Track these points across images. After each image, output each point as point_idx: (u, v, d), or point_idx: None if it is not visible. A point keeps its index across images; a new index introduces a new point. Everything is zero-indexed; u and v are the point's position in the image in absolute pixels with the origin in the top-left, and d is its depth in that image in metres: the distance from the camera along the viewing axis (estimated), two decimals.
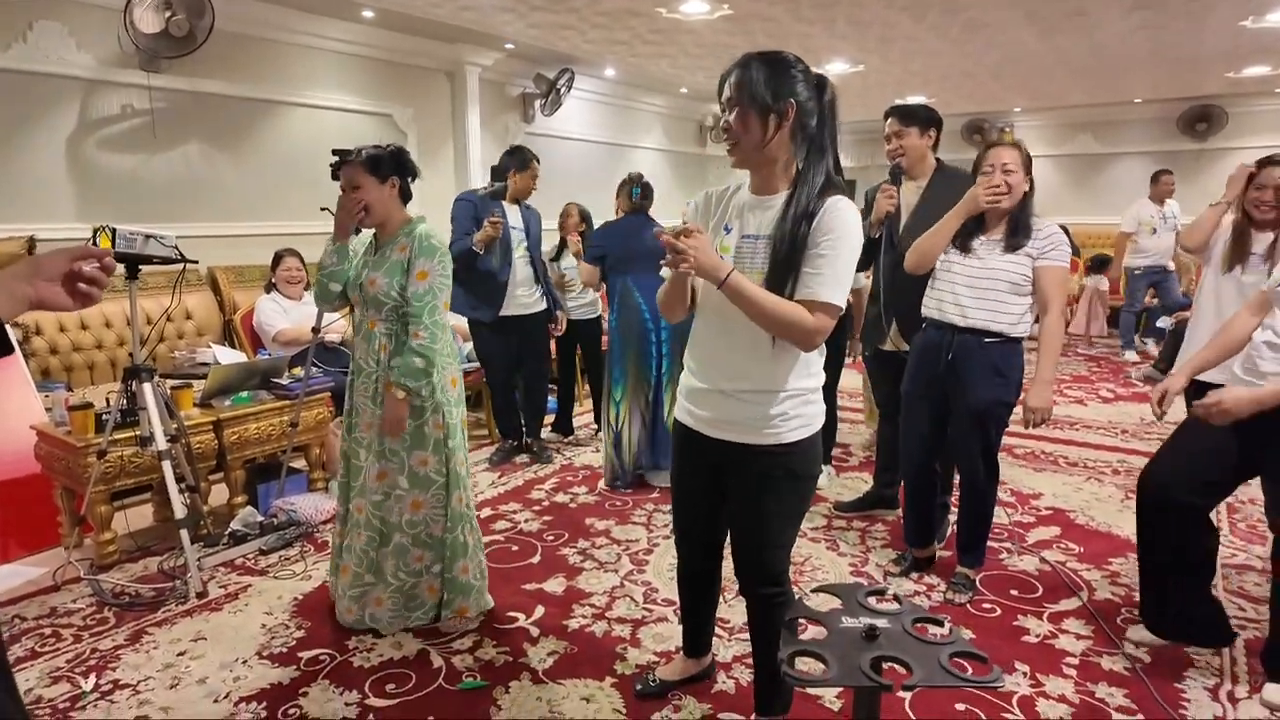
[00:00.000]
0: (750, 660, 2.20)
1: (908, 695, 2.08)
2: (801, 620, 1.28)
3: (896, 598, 1.20)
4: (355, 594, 2.42)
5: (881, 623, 1.07)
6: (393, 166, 2.33)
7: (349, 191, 2.29)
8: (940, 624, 1.17)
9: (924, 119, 2.89)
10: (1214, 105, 8.32)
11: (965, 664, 1.04)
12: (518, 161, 3.89)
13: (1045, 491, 3.66)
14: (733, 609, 2.53)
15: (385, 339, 2.32)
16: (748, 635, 1.92)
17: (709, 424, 1.73)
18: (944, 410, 2.59)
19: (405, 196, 2.40)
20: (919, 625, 1.09)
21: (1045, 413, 2.44)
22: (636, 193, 3.78)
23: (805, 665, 1.32)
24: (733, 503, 1.79)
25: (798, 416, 1.67)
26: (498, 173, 3.79)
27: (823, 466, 3.57)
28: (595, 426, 4.58)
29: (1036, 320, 2.51)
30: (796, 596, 2.24)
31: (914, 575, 2.81)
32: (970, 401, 2.48)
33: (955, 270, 2.52)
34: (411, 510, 2.37)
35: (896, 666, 1.02)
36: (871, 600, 1.17)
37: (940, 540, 2.99)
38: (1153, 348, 6.89)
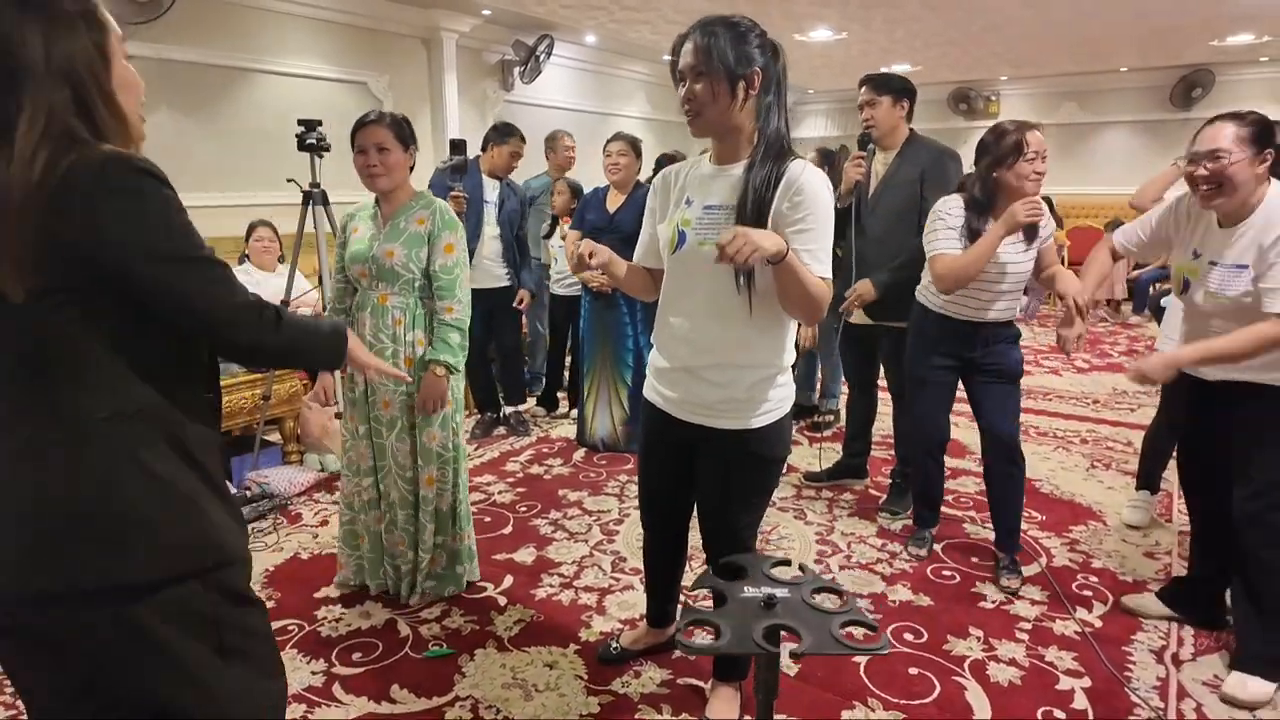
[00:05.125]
0: None
1: (862, 661, 2.13)
2: (705, 590, 1.31)
3: (801, 567, 1.23)
4: (405, 569, 2.44)
5: (781, 592, 1.11)
6: (411, 135, 2.29)
7: (374, 152, 2.19)
8: (838, 593, 1.20)
9: (897, 89, 2.85)
10: (1205, 69, 8.26)
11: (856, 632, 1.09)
12: (495, 135, 3.88)
13: None
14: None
15: (399, 313, 2.26)
16: None
17: (677, 405, 1.73)
18: (956, 386, 2.65)
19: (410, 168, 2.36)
20: (817, 595, 1.13)
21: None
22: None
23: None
24: (700, 484, 1.80)
25: (766, 400, 1.66)
26: (456, 146, 3.71)
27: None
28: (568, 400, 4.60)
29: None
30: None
31: (877, 544, 2.87)
32: (1007, 367, 2.53)
33: (986, 277, 2.42)
34: (426, 486, 2.36)
35: (790, 634, 1.05)
36: (776, 571, 1.20)
37: (905, 511, 3.05)
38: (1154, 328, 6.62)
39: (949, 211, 2.46)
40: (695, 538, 1.97)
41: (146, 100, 1.10)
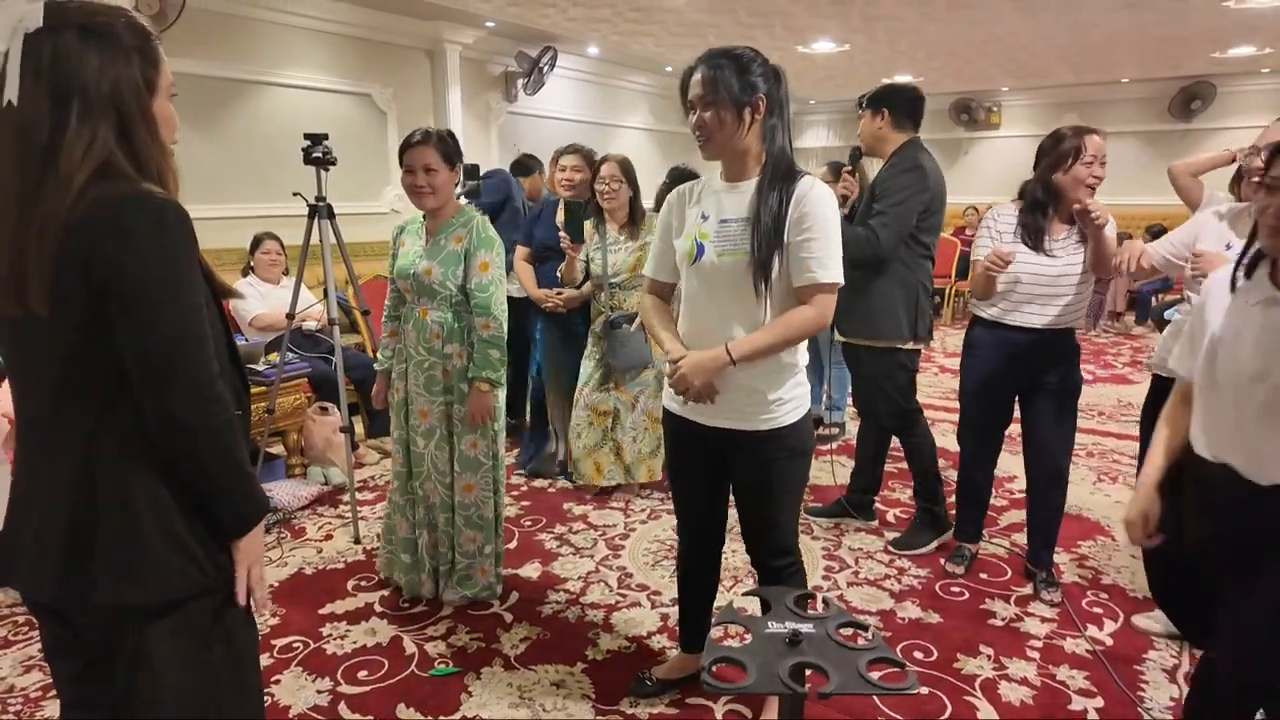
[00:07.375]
0: None
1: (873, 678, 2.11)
2: (728, 626, 1.30)
3: (825, 601, 1.22)
4: (443, 570, 2.54)
5: (806, 628, 1.09)
6: (457, 151, 2.36)
7: (422, 173, 2.26)
8: (864, 628, 1.19)
9: (873, 100, 2.84)
10: (1205, 81, 8.28)
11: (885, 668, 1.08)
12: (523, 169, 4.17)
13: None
14: (722, 598, 2.55)
15: (438, 327, 2.34)
16: None
17: (705, 413, 1.77)
18: (1013, 401, 2.59)
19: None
20: (842, 630, 1.12)
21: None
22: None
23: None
24: (738, 488, 1.86)
25: (792, 399, 1.75)
26: (469, 172, 3.73)
27: None
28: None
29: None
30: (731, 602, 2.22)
31: (885, 559, 2.85)
32: (1066, 384, 2.48)
33: (1035, 273, 2.38)
34: (463, 493, 2.43)
35: (816, 673, 1.04)
36: (799, 604, 1.18)
37: (924, 547, 3.00)
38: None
39: (995, 217, 2.48)
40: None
41: None
